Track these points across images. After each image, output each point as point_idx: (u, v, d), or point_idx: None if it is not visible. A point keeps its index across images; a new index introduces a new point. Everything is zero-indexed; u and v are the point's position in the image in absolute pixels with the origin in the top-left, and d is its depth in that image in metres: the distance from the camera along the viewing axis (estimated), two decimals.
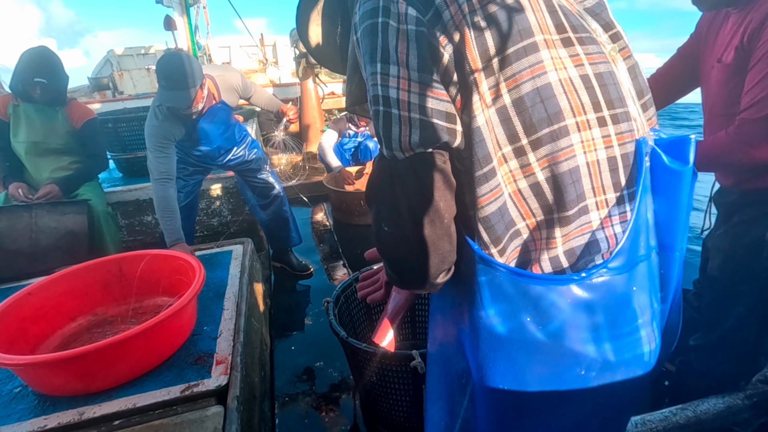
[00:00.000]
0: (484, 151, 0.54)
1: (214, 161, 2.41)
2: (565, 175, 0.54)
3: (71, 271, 1.50)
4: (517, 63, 0.53)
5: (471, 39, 0.52)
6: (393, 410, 1.48)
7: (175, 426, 1.04)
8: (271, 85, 6.84)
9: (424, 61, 0.53)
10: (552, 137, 0.54)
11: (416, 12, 0.53)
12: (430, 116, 0.53)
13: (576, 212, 0.56)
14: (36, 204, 2.00)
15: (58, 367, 1.10)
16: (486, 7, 0.53)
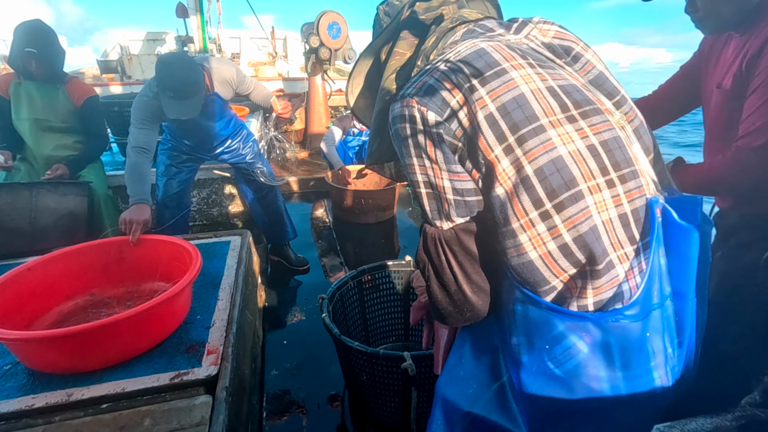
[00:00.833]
0: (505, 215, 0.64)
1: (207, 152, 2.42)
2: (588, 234, 0.61)
3: (71, 251, 1.51)
4: (531, 141, 0.62)
5: (483, 130, 0.63)
6: (381, 410, 1.48)
7: (163, 413, 1.04)
8: (280, 78, 6.84)
9: (447, 155, 0.65)
10: (572, 200, 0.61)
11: (435, 115, 0.64)
12: (462, 195, 0.67)
13: (605, 266, 0.62)
14: (37, 183, 2.00)
15: (48, 345, 1.11)
16: (491, 103, 0.63)
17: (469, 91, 0.63)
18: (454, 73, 0.65)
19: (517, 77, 0.64)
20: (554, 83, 0.65)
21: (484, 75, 0.64)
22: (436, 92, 0.65)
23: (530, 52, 0.69)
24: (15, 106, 2.22)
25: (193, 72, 1.88)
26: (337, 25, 4.64)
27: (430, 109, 0.64)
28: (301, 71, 7.66)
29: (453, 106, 0.64)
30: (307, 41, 4.70)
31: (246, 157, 2.49)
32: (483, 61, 0.65)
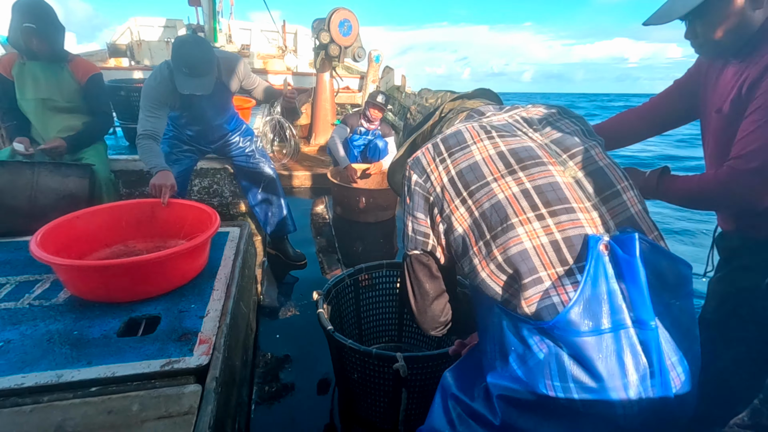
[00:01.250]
0: (465, 247, 0.85)
1: (208, 144, 2.43)
2: (515, 256, 0.78)
3: (112, 206, 1.78)
4: (478, 193, 0.84)
5: (447, 189, 0.88)
6: (370, 409, 1.48)
7: (152, 400, 1.04)
8: (288, 72, 6.83)
9: (418, 205, 0.93)
10: (503, 231, 0.80)
11: (417, 176, 0.94)
12: (416, 234, 0.95)
13: (531, 281, 0.76)
14: (39, 163, 2.00)
15: (89, 273, 1.38)
16: (453, 170, 0.88)
17: (441, 161, 0.90)
18: (436, 149, 0.93)
19: (474, 150, 0.88)
20: (505, 148, 0.87)
21: (452, 150, 0.90)
22: (420, 162, 0.94)
23: (501, 126, 0.93)
24: (20, 87, 2.21)
25: (207, 51, 1.97)
26: (348, 23, 4.64)
27: (415, 172, 0.94)
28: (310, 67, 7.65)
29: (428, 172, 0.91)
30: (318, 37, 4.70)
31: (245, 149, 2.51)
32: (455, 140, 0.91)
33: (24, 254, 1.70)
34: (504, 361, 0.80)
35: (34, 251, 1.34)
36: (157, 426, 0.97)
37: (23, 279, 1.53)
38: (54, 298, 1.42)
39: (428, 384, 1.38)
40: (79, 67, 2.29)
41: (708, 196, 1.07)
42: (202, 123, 2.30)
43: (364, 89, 6.25)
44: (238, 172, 2.63)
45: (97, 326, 1.29)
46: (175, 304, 1.42)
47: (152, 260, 1.36)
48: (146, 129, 1.97)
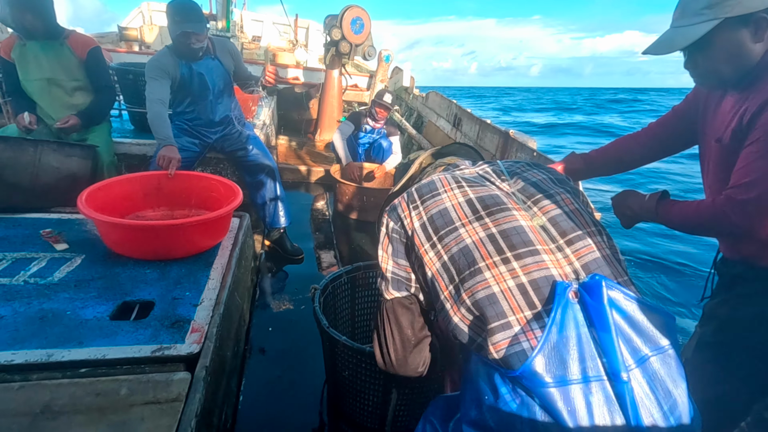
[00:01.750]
0: (436, 291, 0.86)
1: (209, 127, 2.45)
2: (483, 300, 0.78)
3: (121, 179, 1.90)
4: (447, 238, 0.86)
5: (418, 233, 0.91)
6: (359, 408, 1.48)
7: (140, 384, 1.03)
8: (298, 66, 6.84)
9: (396, 250, 0.96)
10: (471, 275, 0.80)
11: (393, 222, 0.97)
12: (398, 276, 0.96)
13: (498, 326, 0.75)
14: (43, 141, 1.99)
15: (133, 231, 1.58)
16: (425, 216, 0.91)
17: (414, 208, 0.93)
18: (410, 196, 0.96)
19: (445, 197, 0.92)
20: (474, 195, 0.90)
21: (424, 197, 0.94)
22: (396, 209, 0.97)
23: (472, 177, 0.96)
24: (22, 68, 2.20)
25: (198, 7, 2.18)
26: (360, 21, 4.64)
27: (391, 219, 0.97)
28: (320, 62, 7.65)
29: (402, 218, 0.95)
30: (329, 33, 4.70)
31: (245, 142, 2.55)
32: (428, 188, 0.95)
33: (22, 231, 1.70)
34: (478, 407, 0.79)
35: (83, 210, 1.53)
36: (144, 411, 0.97)
37: (20, 256, 1.53)
38: (49, 277, 1.42)
39: (418, 387, 1.38)
40: (78, 42, 2.28)
41: (705, 223, 1.07)
42: (202, 100, 2.36)
43: (372, 88, 6.26)
44: (238, 165, 2.64)
45: (90, 308, 1.29)
46: (169, 290, 1.41)
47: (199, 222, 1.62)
48: (155, 95, 2.13)
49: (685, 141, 1.35)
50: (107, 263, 1.55)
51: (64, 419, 0.93)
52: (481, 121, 3.81)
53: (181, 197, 2.04)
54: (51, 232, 1.65)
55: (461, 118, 4.24)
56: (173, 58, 2.21)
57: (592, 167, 1.48)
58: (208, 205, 1.99)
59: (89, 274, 1.46)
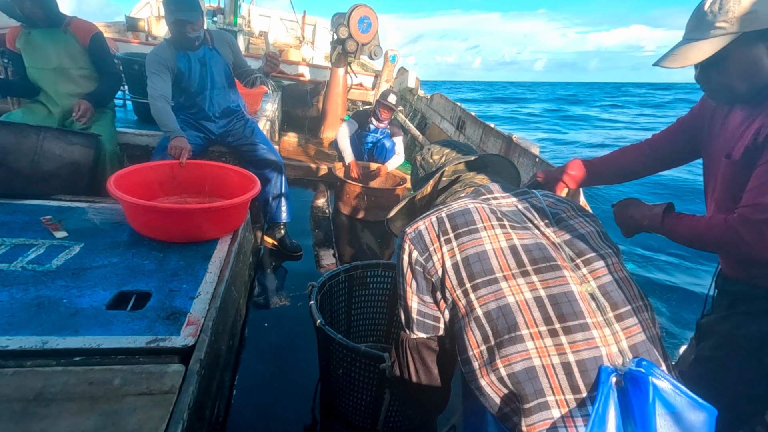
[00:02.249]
0: (463, 344, 0.77)
1: (212, 120, 2.46)
2: (521, 373, 0.70)
3: (138, 168, 1.93)
4: (483, 289, 0.76)
5: (449, 274, 0.80)
6: (352, 407, 1.48)
7: (134, 375, 1.03)
8: (304, 63, 6.83)
9: (420, 285, 0.84)
10: (511, 342, 0.71)
11: (417, 254, 0.85)
12: (424, 317, 0.85)
13: (536, 405, 0.68)
14: (46, 127, 1.99)
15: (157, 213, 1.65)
16: (459, 255, 0.80)
17: (446, 242, 0.82)
18: (440, 224, 0.85)
19: (485, 237, 0.80)
20: (518, 242, 0.80)
21: (459, 231, 0.82)
22: (422, 237, 0.85)
23: (511, 214, 0.86)
24: (29, 57, 2.21)
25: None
26: (368, 20, 4.64)
27: (416, 248, 0.85)
28: (326, 60, 7.65)
29: (431, 251, 0.83)
30: (336, 31, 4.70)
31: (248, 138, 2.56)
32: (463, 219, 0.83)
33: (22, 217, 1.70)
34: None
35: (115, 193, 1.61)
36: (136, 402, 0.97)
37: (19, 242, 1.52)
38: (47, 264, 1.42)
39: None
40: (80, 28, 2.29)
41: (715, 241, 1.05)
42: (202, 90, 2.38)
43: (377, 88, 6.25)
44: (243, 159, 2.64)
45: (87, 296, 1.29)
46: (167, 282, 1.41)
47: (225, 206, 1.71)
48: (158, 91, 2.16)
49: (689, 154, 1.34)
50: (106, 252, 1.55)
51: (56, 407, 0.93)
52: (485, 124, 3.81)
53: (194, 185, 2.13)
54: (51, 219, 1.65)
55: (465, 121, 4.24)
56: (171, 50, 2.25)
57: (594, 175, 1.47)
58: (220, 193, 2.09)
59: (87, 263, 1.46)
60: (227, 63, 2.43)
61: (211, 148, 2.62)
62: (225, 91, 2.46)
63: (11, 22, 2.24)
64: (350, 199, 3.38)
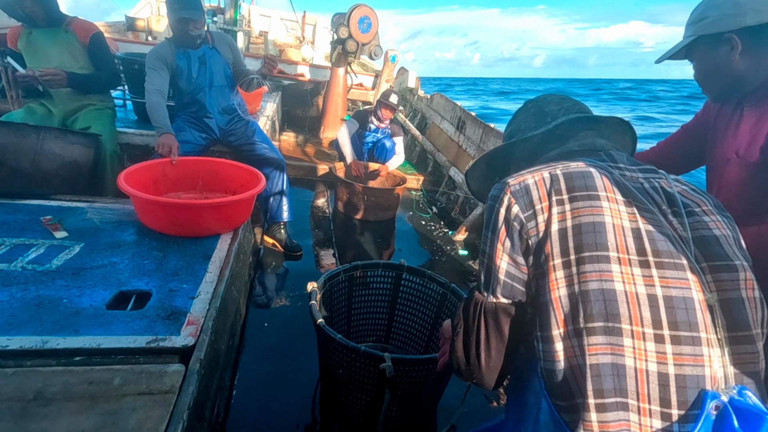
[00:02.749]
0: (547, 320, 0.68)
1: (213, 118, 2.46)
2: (606, 366, 0.62)
3: (136, 168, 1.92)
4: (590, 265, 0.66)
5: (552, 239, 0.69)
6: (352, 407, 1.48)
7: (134, 375, 1.03)
8: (304, 63, 6.83)
9: (515, 244, 0.74)
10: (605, 331, 0.63)
11: (519, 209, 0.73)
12: (513, 281, 0.75)
13: (613, 404, 0.62)
14: (46, 127, 1.99)
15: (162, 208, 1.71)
16: (570, 220, 0.70)
17: (557, 203, 0.71)
18: (553, 182, 0.73)
19: (606, 207, 0.69)
20: (643, 226, 0.68)
21: (576, 193, 0.71)
22: (528, 192, 0.74)
23: (637, 191, 0.72)
24: (30, 57, 2.21)
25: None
26: (368, 20, 4.64)
27: (517, 203, 0.74)
28: (326, 60, 7.65)
29: (537, 209, 0.72)
30: (336, 31, 4.70)
31: (250, 137, 2.56)
32: (583, 182, 0.72)
33: (22, 217, 1.70)
34: None
35: (125, 188, 1.66)
36: (136, 401, 0.97)
37: (19, 242, 1.52)
38: (47, 264, 1.42)
39: (412, 387, 1.38)
40: (80, 28, 2.29)
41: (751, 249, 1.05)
42: (201, 88, 2.39)
43: (378, 88, 6.25)
44: (245, 159, 2.64)
45: (87, 296, 1.29)
46: (167, 282, 1.41)
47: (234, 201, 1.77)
48: (154, 86, 2.22)
49: (695, 159, 1.34)
50: (106, 252, 1.55)
51: (55, 406, 0.93)
52: (485, 124, 3.81)
53: (186, 181, 2.16)
54: (51, 219, 1.65)
55: (465, 121, 4.24)
56: (171, 47, 2.30)
57: None
58: (214, 187, 2.16)
59: (87, 263, 1.46)
60: (227, 63, 2.45)
61: (213, 148, 2.62)
62: (225, 90, 2.47)
63: (12, 22, 2.24)
64: (350, 198, 3.38)
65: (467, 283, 2.72)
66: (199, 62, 2.35)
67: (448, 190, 4.17)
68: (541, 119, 0.94)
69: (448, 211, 3.93)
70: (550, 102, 0.96)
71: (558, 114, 0.92)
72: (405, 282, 1.83)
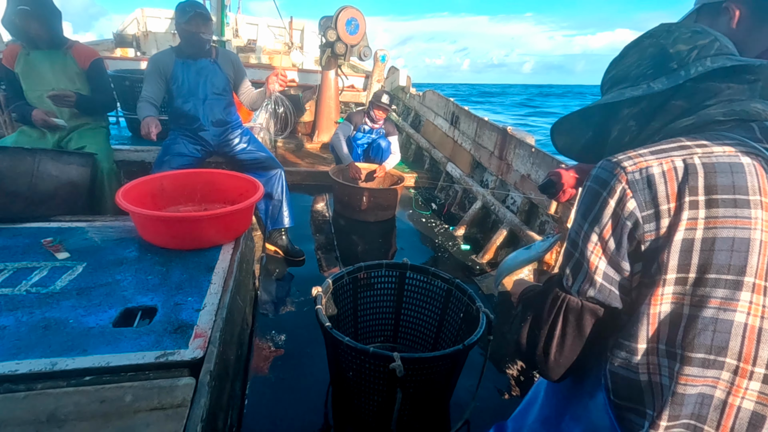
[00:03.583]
0: (636, 331, 0.60)
1: (207, 129, 2.47)
2: (693, 396, 0.56)
3: (137, 182, 1.94)
4: (713, 290, 0.55)
5: (672, 250, 0.56)
6: (364, 409, 1.48)
7: (145, 391, 1.03)
8: (294, 69, 6.83)
9: (621, 246, 0.60)
10: (704, 363, 0.56)
11: (636, 206, 0.58)
12: (611, 284, 0.63)
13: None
14: (41, 149, 1.99)
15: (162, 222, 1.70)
16: (706, 231, 0.54)
17: (689, 205, 0.55)
18: (688, 176, 0.56)
19: (756, 218, 0.54)
20: None
21: (717, 196, 0.54)
22: (652, 185, 0.57)
23: None
24: (26, 78, 2.21)
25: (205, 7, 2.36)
26: (355, 22, 4.64)
27: (635, 196, 0.58)
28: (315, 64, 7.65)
29: (660, 210, 0.57)
30: (324, 35, 4.70)
31: (245, 146, 2.59)
32: (729, 180, 0.55)
33: (23, 240, 1.70)
34: None
35: (124, 205, 1.66)
36: (149, 417, 0.97)
37: (21, 266, 1.52)
38: (51, 286, 1.42)
39: (423, 385, 1.38)
40: (81, 53, 2.30)
41: None
42: (195, 97, 2.41)
43: (369, 88, 6.26)
44: (242, 168, 2.65)
45: (93, 315, 1.29)
46: (171, 295, 1.41)
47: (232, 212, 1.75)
48: (148, 94, 2.31)
49: None
50: (109, 270, 1.55)
51: (69, 427, 0.93)
52: (479, 118, 3.81)
53: (184, 195, 2.16)
54: (52, 240, 1.65)
55: (459, 116, 4.24)
56: (172, 57, 2.35)
57: None
58: (213, 198, 2.17)
59: (91, 282, 1.46)
60: (228, 79, 2.48)
61: (209, 159, 2.62)
62: (220, 103, 2.48)
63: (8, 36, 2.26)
64: (349, 201, 3.38)
65: (471, 277, 2.73)
66: (197, 73, 2.37)
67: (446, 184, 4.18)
68: (663, 64, 0.68)
69: (447, 207, 3.94)
70: (676, 38, 0.68)
71: (688, 59, 0.65)
72: (409, 280, 1.83)
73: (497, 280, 1.21)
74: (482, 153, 3.63)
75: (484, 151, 3.60)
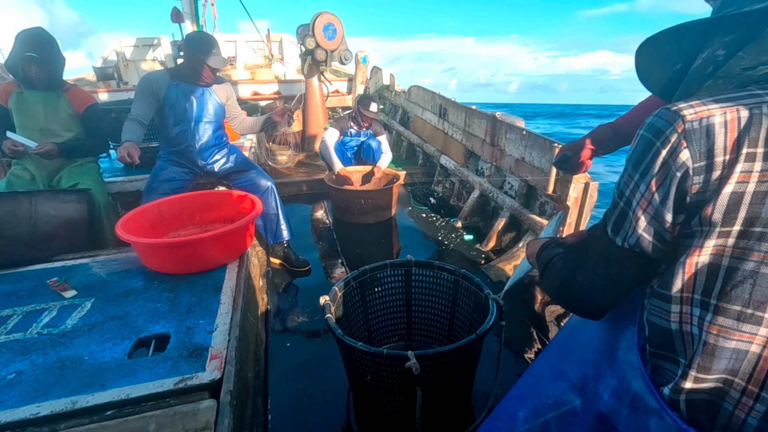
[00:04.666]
0: (671, 279, 0.61)
1: (195, 154, 2.49)
2: (727, 350, 0.57)
3: (132, 215, 1.95)
4: (755, 242, 0.54)
5: (719, 202, 0.54)
6: (386, 410, 1.48)
7: (168, 418, 1.04)
8: (276, 81, 6.83)
9: (667, 197, 0.59)
10: (741, 316, 0.56)
11: (689, 156, 0.56)
12: (651, 236, 0.62)
13: (714, 381, 0.58)
14: (36, 191, 2.00)
15: (165, 249, 1.72)
16: (759, 184, 0.52)
17: (746, 158, 0.52)
18: (752, 125, 0.52)
19: None
20: None
21: None
22: (710, 135, 0.54)
23: None
24: (18, 116, 2.22)
25: None
26: (332, 27, 4.64)
27: (689, 147, 0.55)
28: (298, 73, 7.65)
29: (714, 163, 0.54)
30: (303, 43, 4.70)
31: (235, 167, 2.61)
32: None
33: (28, 284, 1.70)
34: None
35: (125, 236, 1.69)
36: None
37: (30, 309, 1.53)
38: (62, 325, 1.42)
39: (442, 380, 1.39)
40: (76, 97, 2.34)
41: None
42: (186, 122, 2.42)
43: (354, 91, 6.26)
44: (233, 188, 2.65)
45: (107, 349, 1.29)
46: (182, 320, 1.42)
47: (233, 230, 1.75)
48: (136, 112, 2.25)
49: None
50: (117, 303, 1.55)
51: None
52: (467, 108, 3.81)
53: (183, 219, 2.19)
54: (57, 280, 1.66)
55: (446, 108, 4.24)
56: (165, 78, 2.32)
57: (621, 135, 1.32)
58: (212, 218, 2.20)
59: (101, 317, 1.47)
60: (222, 106, 2.51)
61: (201, 181, 2.63)
62: (211, 127, 2.50)
63: None
64: (348, 205, 3.38)
65: (477, 267, 2.73)
66: (191, 98, 2.38)
67: (442, 178, 4.18)
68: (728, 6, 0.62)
69: (445, 200, 3.94)
70: None
71: None
72: (416, 277, 1.83)
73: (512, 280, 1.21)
74: (474, 142, 3.63)
75: (475, 140, 3.60)
